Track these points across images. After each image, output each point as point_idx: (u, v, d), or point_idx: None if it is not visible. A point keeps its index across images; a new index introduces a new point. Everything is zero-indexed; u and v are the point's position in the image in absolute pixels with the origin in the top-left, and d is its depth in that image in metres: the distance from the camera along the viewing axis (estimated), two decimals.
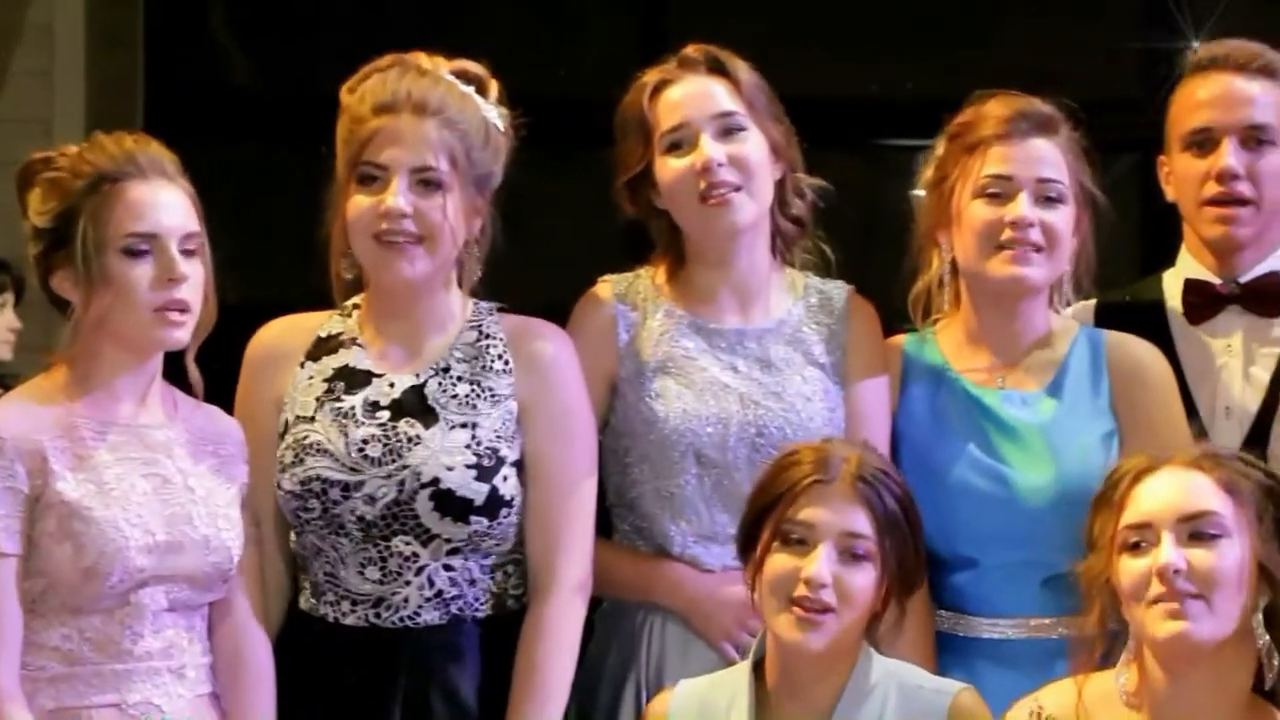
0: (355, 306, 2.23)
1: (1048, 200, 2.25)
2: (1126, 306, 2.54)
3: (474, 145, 2.13)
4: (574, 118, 2.59)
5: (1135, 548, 2.02)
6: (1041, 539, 2.24)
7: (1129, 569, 2.01)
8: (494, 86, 2.23)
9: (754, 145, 2.27)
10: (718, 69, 2.32)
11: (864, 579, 2.05)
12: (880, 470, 2.13)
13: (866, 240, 2.68)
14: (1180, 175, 2.53)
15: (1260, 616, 1.99)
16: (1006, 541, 2.33)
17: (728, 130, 2.26)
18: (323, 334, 2.23)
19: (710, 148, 2.23)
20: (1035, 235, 2.25)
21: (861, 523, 2.07)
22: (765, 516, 2.07)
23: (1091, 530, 2.13)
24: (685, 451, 2.29)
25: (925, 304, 2.45)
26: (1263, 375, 2.57)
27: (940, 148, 2.38)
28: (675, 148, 2.26)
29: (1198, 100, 2.53)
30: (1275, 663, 1.97)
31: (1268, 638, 1.96)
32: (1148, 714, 2.04)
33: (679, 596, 2.34)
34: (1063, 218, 2.26)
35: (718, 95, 2.29)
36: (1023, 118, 2.27)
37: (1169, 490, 2.04)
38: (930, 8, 5.22)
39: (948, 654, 2.37)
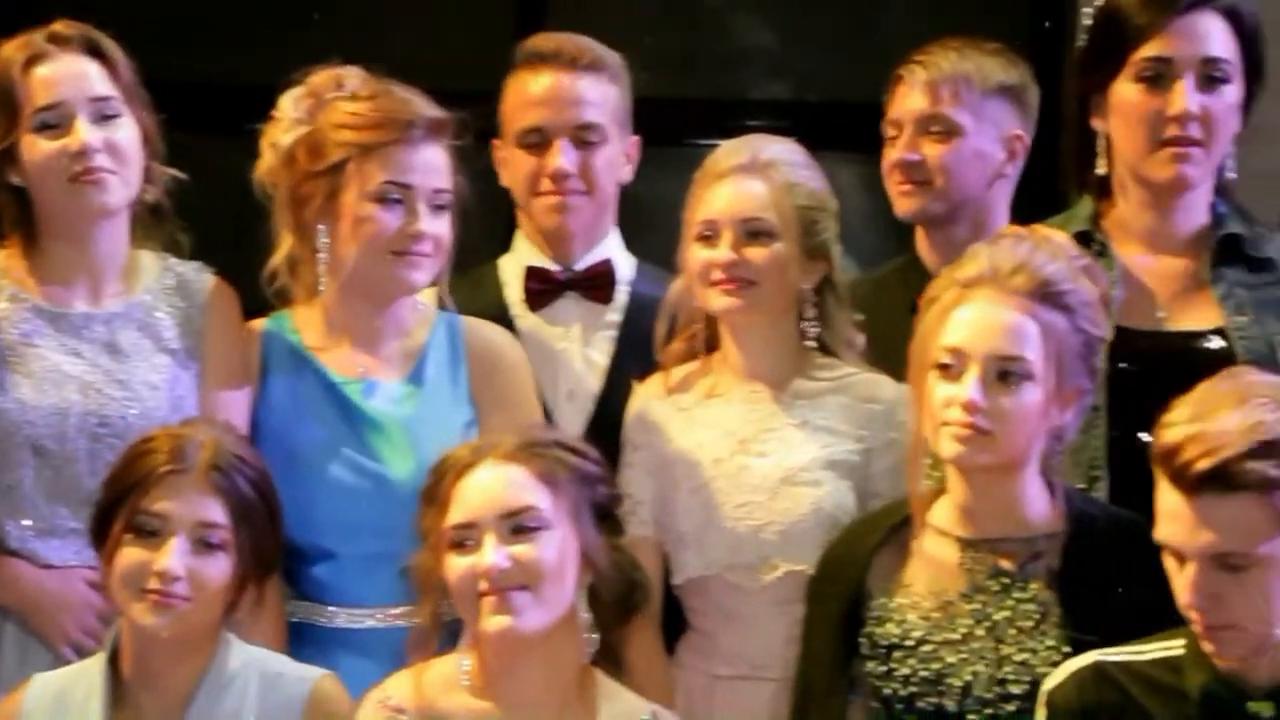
0: None
1: (438, 209, 2.30)
2: (467, 293, 2.59)
3: None
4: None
5: (461, 545, 2.09)
6: (401, 530, 2.24)
7: (455, 567, 2.07)
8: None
9: (128, 132, 2.24)
10: (93, 50, 2.27)
11: (218, 568, 2.04)
12: (237, 457, 2.11)
13: (243, 226, 2.67)
14: (514, 166, 2.63)
15: (584, 598, 2.09)
16: (368, 533, 2.34)
17: (104, 115, 2.22)
18: None
19: (87, 132, 2.19)
20: (427, 247, 2.33)
21: (216, 512, 2.05)
22: (118, 507, 2.03)
23: (422, 525, 2.17)
24: (22, 444, 2.22)
25: (287, 288, 2.44)
26: (601, 359, 2.70)
27: (292, 137, 2.36)
28: (47, 127, 2.21)
29: (530, 97, 2.62)
30: (596, 638, 2.09)
31: (589, 615, 2.08)
32: (487, 697, 2.10)
33: (15, 594, 2.26)
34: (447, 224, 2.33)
35: (94, 78, 2.25)
36: (416, 125, 2.29)
37: (489, 486, 2.10)
38: None
39: (308, 645, 2.35)
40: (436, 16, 4.86)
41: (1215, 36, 2.33)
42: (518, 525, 2.05)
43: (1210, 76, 2.31)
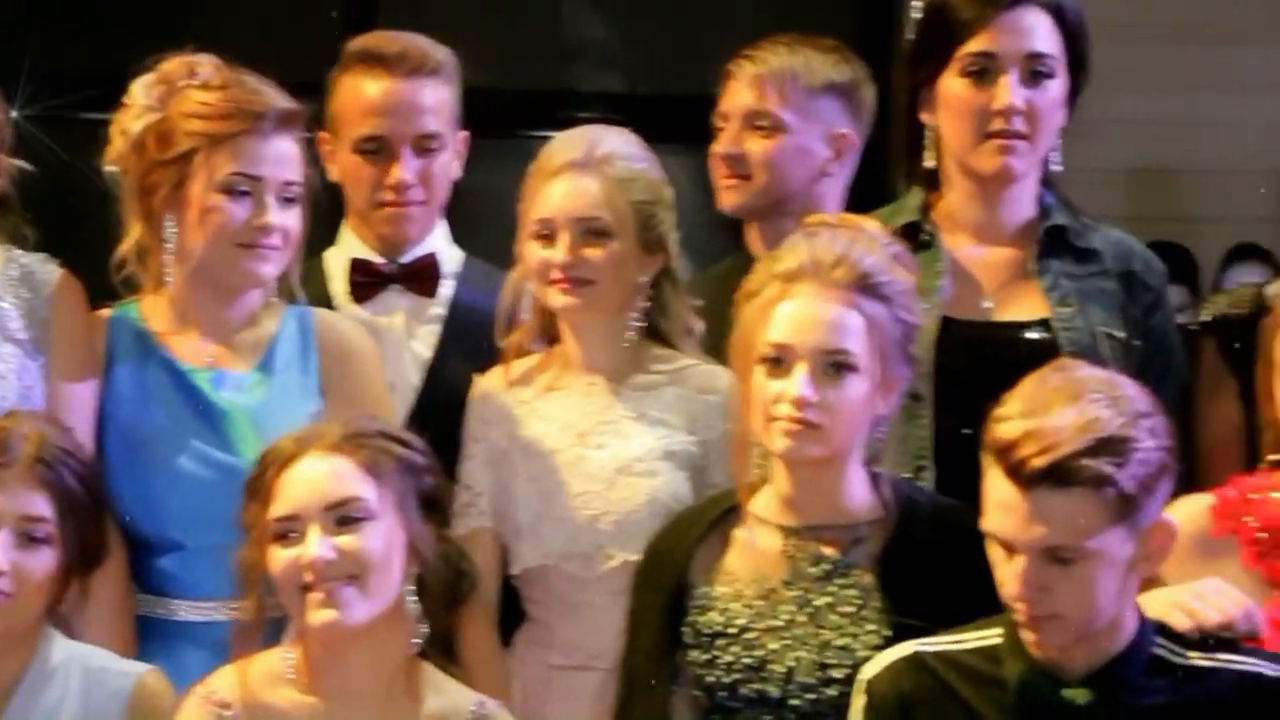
0: None
1: (287, 202, 2.33)
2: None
3: None
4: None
5: (284, 538, 2.08)
6: None
7: (279, 559, 2.07)
8: None
9: None
10: None
11: (42, 563, 2.05)
12: (62, 449, 2.11)
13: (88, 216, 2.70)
14: (351, 172, 2.66)
15: (411, 587, 2.10)
16: (216, 524, 2.30)
17: None
18: None
19: None
20: (275, 240, 2.34)
21: (41, 506, 2.06)
22: None
23: (245, 518, 2.16)
24: None
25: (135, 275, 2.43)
26: (424, 352, 2.72)
27: (142, 124, 2.36)
28: None
29: (370, 104, 2.62)
30: (424, 629, 2.10)
31: (417, 606, 2.10)
32: (312, 690, 2.12)
33: None
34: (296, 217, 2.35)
35: None
36: (267, 116, 2.30)
37: (314, 478, 2.10)
38: None
39: (153, 639, 2.36)
40: (263, 4, 4.95)
41: (1040, 32, 2.40)
42: (342, 516, 2.05)
43: (1035, 71, 2.38)
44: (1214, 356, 2.54)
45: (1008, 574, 1.86)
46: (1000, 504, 1.85)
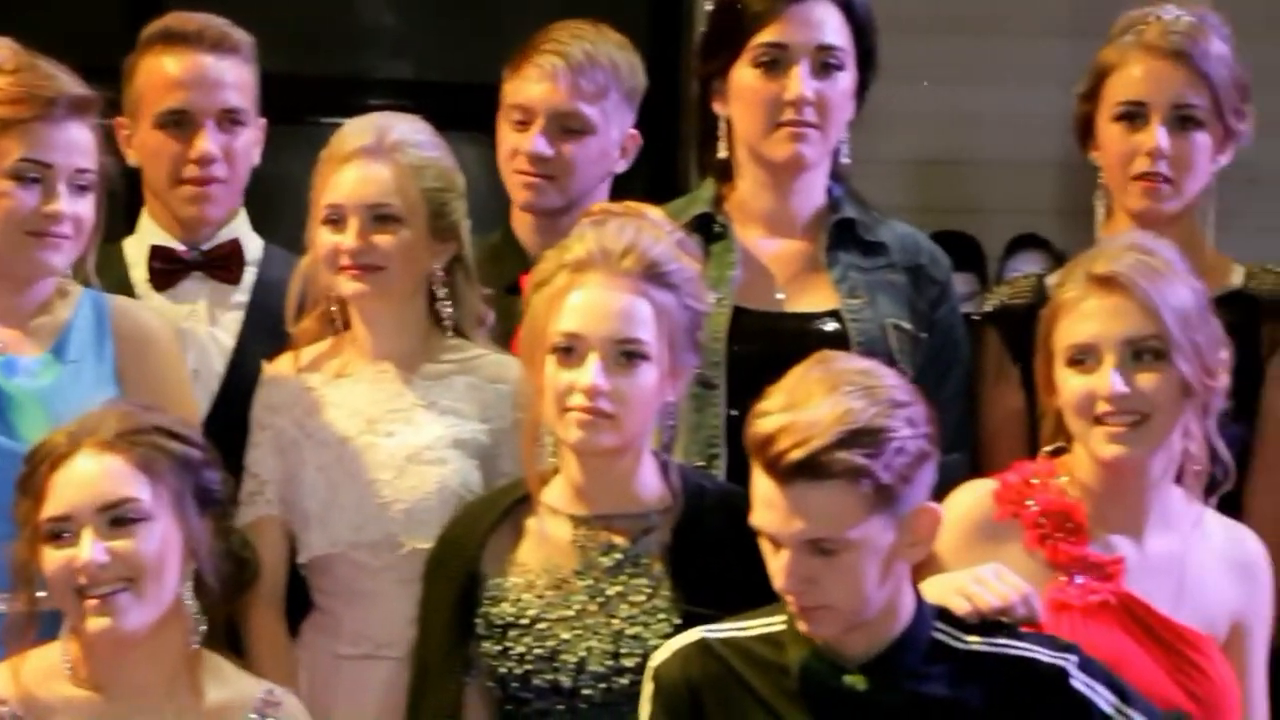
0: None
1: (80, 190, 2.31)
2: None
3: None
4: None
5: (58, 538, 2.06)
6: None
7: (52, 560, 2.07)
8: None
9: None
10: None
11: None
12: None
13: None
14: (151, 149, 2.64)
15: (190, 583, 2.11)
16: (7, 514, 2.29)
17: None
18: None
19: None
20: (66, 228, 2.34)
21: None
22: None
23: (17, 514, 2.14)
24: None
25: None
26: (227, 339, 2.72)
27: None
28: None
29: (171, 78, 2.62)
30: (203, 624, 2.11)
31: (195, 602, 2.11)
32: (90, 686, 2.11)
33: None
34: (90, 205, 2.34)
35: None
36: (59, 102, 2.27)
37: (86, 478, 2.08)
38: None
39: None
40: None
41: (830, 25, 2.47)
42: (116, 517, 2.04)
43: (825, 63, 2.45)
44: (997, 346, 2.62)
45: (776, 567, 1.91)
46: (763, 499, 1.90)
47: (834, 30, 2.47)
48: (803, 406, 1.85)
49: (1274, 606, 2.36)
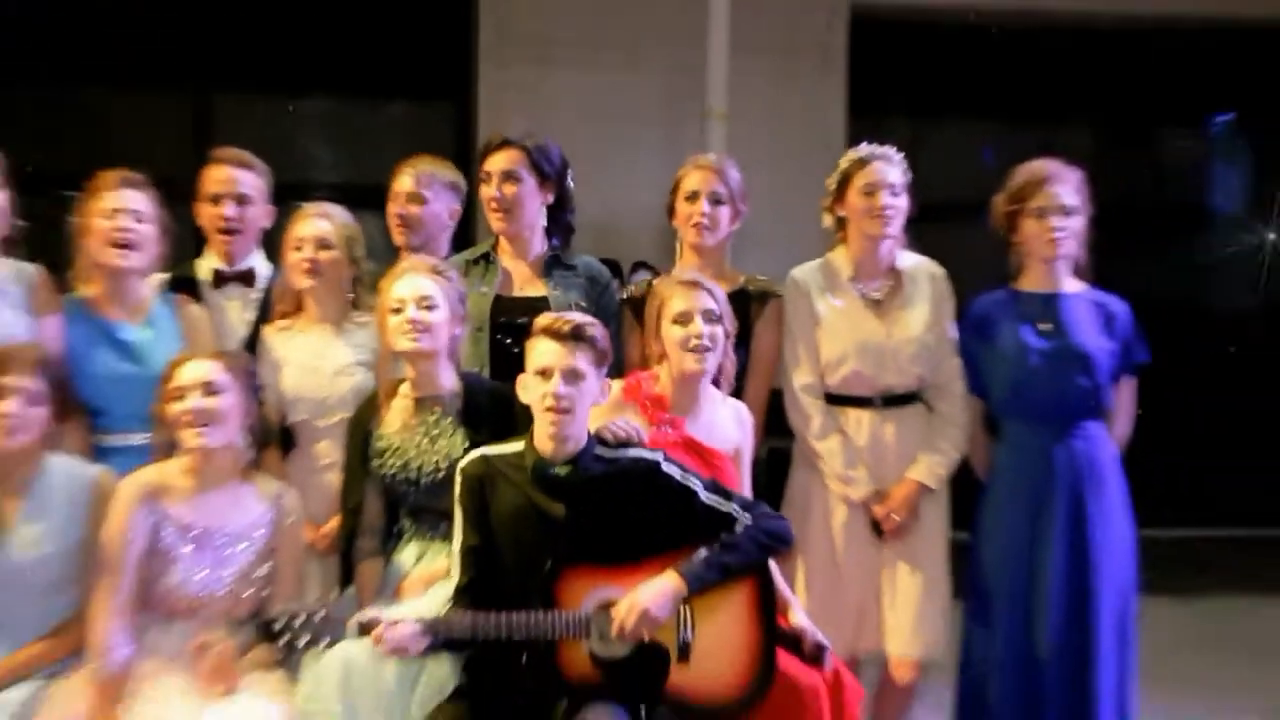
0: None
1: None
2: None
3: None
4: None
5: (180, 399, 3.11)
6: None
7: (174, 409, 3.08)
8: None
9: None
10: None
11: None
12: None
13: None
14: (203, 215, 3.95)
15: (244, 432, 3.20)
16: (141, 415, 3.43)
17: None
18: None
19: None
20: None
21: None
22: None
23: (160, 390, 3.15)
24: None
25: None
26: (249, 317, 4.04)
27: None
28: None
29: (211, 178, 3.97)
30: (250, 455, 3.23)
31: (246, 439, 3.19)
32: (193, 478, 3.17)
33: None
34: None
35: None
36: None
37: (196, 370, 3.12)
38: None
39: (100, 457, 3.43)
40: None
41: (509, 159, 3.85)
42: (208, 390, 3.08)
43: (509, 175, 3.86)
44: (629, 315, 3.87)
45: (546, 390, 2.88)
46: (545, 351, 2.91)
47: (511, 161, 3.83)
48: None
49: (753, 439, 3.57)
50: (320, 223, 3.78)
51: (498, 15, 7.33)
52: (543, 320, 3.08)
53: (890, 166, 3.79)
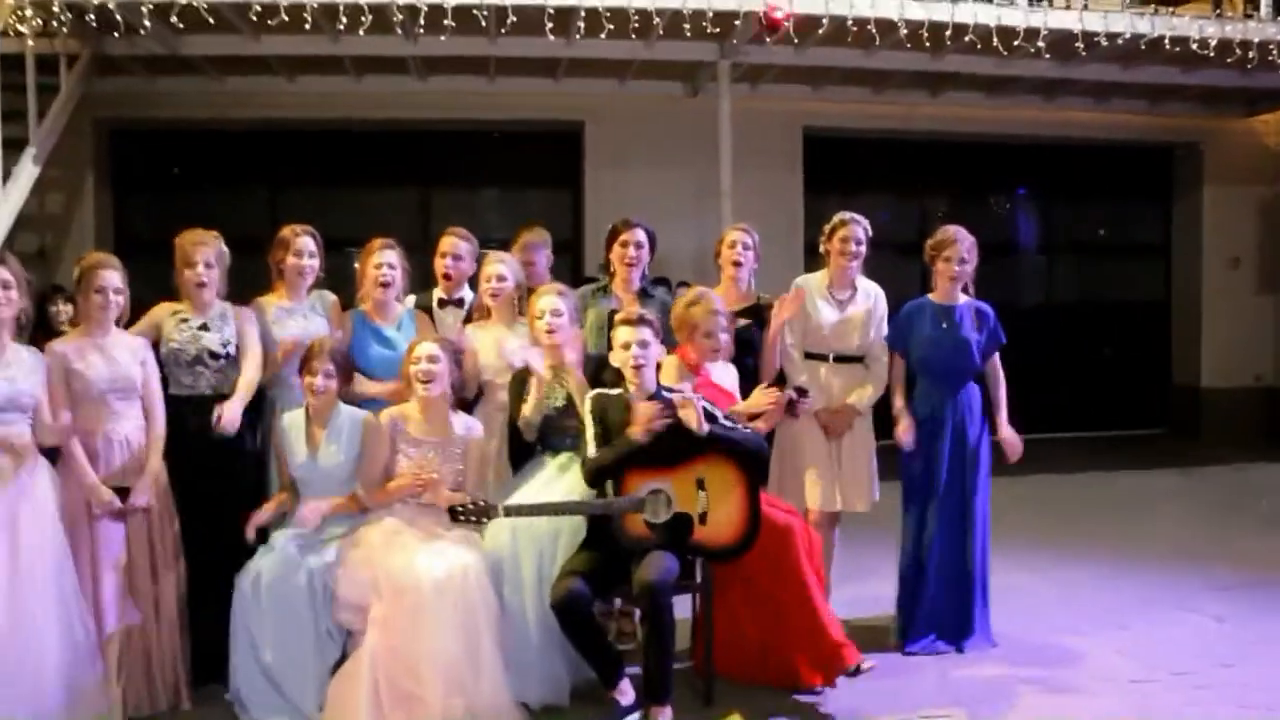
0: None
1: None
2: None
3: None
4: None
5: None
6: None
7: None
8: None
9: None
10: None
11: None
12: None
13: None
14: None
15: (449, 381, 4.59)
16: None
17: None
18: None
19: None
20: None
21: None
22: None
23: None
24: None
25: None
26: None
27: None
28: None
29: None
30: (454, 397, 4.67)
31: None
32: (420, 415, 4.60)
33: None
34: None
35: None
36: None
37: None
38: None
39: (361, 406, 4.84)
40: None
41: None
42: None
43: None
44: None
45: (627, 356, 4.45)
46: (625, 334, 4.48)
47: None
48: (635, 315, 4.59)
49: (737, 385, 5.29)
50: (499, 266, 5.41)
51: (596, 138, 11.83)
52: (621, 314, 4.80)
53: (859, 227, 5.79)
